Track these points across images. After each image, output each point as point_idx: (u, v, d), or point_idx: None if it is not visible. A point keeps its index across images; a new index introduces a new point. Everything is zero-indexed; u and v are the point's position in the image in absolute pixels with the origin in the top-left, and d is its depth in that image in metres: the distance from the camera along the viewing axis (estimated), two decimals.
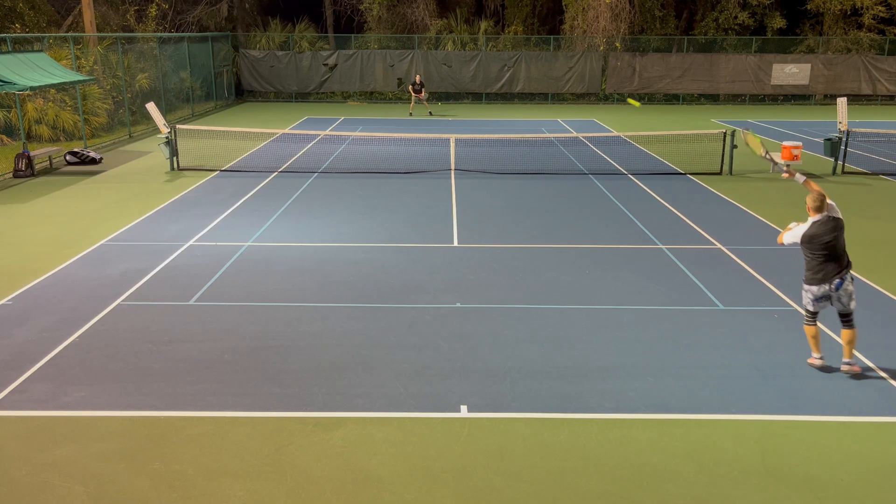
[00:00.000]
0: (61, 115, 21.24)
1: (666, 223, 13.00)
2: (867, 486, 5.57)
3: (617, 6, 33.06)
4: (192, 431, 6.24)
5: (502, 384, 7.10)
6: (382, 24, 35.72)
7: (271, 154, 19.68)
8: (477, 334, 8.24)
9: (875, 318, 8.78)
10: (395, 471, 5.72)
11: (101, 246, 11.52)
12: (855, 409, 6.68)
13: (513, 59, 33.86)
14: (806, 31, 35.87)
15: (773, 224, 12.98)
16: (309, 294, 9.47)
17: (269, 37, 34.78)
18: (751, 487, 5.54)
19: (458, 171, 17.53)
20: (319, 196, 14.93)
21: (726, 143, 17.50)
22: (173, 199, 14.67)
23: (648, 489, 5.51)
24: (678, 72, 34.07)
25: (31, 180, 16.57)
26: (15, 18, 27.36)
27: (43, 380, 7.13)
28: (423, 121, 27.39)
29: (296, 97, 34.63)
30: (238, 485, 5.53)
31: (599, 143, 22.00)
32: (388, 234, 12.20)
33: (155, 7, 31.24)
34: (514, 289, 9.69)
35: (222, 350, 7.79)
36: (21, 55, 17.52)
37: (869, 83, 34.11)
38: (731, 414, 6.56)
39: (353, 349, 7.85)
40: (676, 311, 8.98)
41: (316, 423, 6.39)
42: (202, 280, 9.93)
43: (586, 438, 6.17)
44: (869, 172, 17.82)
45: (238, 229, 12.44)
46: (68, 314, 8.73)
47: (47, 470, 5.69)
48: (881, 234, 12.48)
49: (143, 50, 26.65)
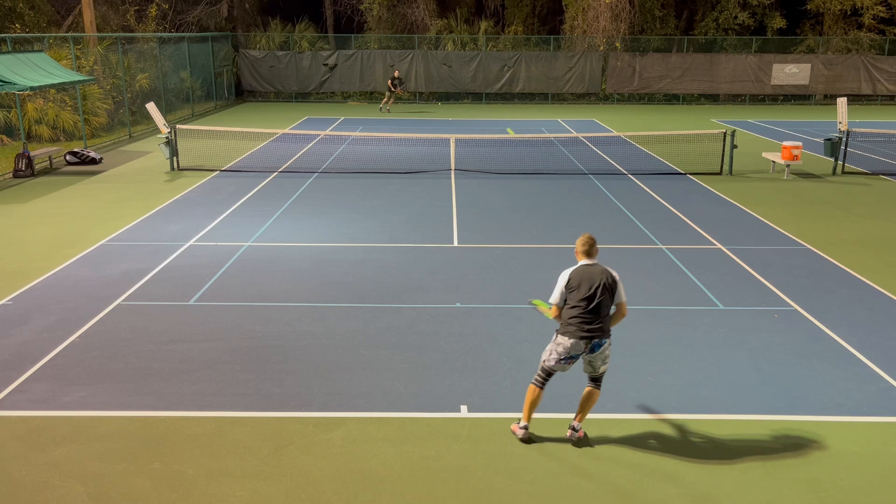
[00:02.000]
0: (61, 115, 21.23)
1: (666, 223, 13.00)
2: (867, 486, 5.57)
3: (617, 6, 33.06)
4: (192, 431, 6.24)
5: (502, 384, 7.10)
6: (382, 25, 35.72)
7: (271, 154, 19.68)
8: (477, 334, 8.24)
9: (875, 318, 8.78)
10: (395, 471, 5.72)
11: (101, 246, 11.52)
12: (855, 409, 6.68)
13: (513, 59, 33.86)
14: (806, 31, 35.87)
15: (774, 224, 12.99)
16: (309, 294, 9.47)
17: (269, 37, 34.78)
18: (751, 487, 5.54)
19: (458, 171, 17.53)
20: (319, 196, 14.93)
21: (726, 143, 17.50)
22: (173, 199, 14.67)
23: (648, 489, 5.51)
24: (678, 72, 34.07)
25: (31, 180, 16.57)
26: (15, 18, 27.35)
27: (43, 380, 7.13)
28: (424, 121, 27.38)
29: (296, 97, 34.63)
30: (238, 485, 5.53)
31: (599, 143, 22.01)
32: (388, 234, 12.20)
33: (155, 7, 31.25)
34: (514, 289, 9.69)
35: (222, 350, 7.79)
36: (21, 55, 17.52)
37: (869, 83, 34.12)
38: (731, 414, 6.56)
39: (353, 349, 7.85)
40: (676, 311, 8.98)
41: (316, 423, 6.39)
42: (202, 280, 9.93)
43: (586, 438, 6.17)
44: (869, 172, 17.82)
45: (238, 229, 12.44)
46: (68, 314, 8.73)
47: (47, 470, 5.69)
48: (881, 234, 12.48)
49: (143, 50, 26.65)
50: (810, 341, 8.12)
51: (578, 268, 5.98)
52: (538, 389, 6.04)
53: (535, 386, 6.05)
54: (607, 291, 5.88)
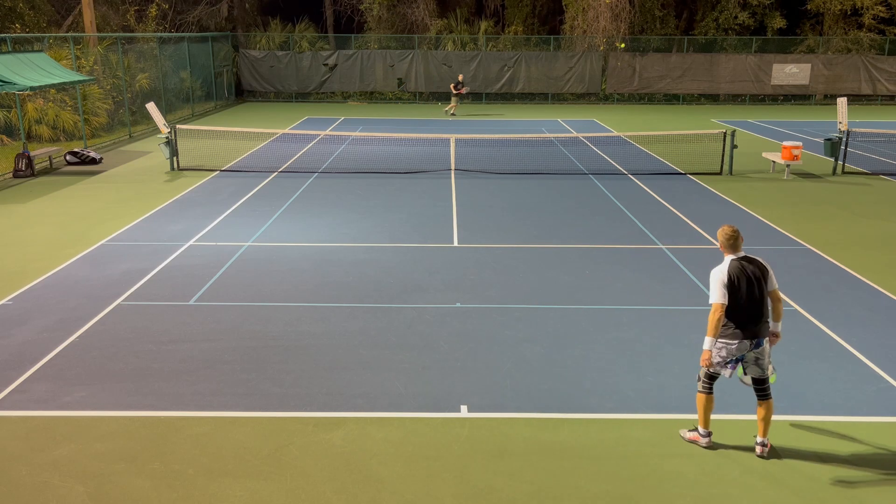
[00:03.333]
0: (61, 115, 21.24)
1: (666, 223, 13.00)
2: (867, 486, 5.57)
3: (617, 6, 33.06)
4: (192, 431, 6.24)
5: (502, 384, 7.10)
6: (382, 25, 35.72)
7: (271, 154, 19.68)
8: (477, 334, 8.24)
9: (875, 318, 8.78)
10: (395, 471, 5.72)
11: (101, 246, 11.52)
12: (855, 409, 6.68)
13: (513, 59, 33.86)
14: (806, 31, 35.87)
15: (774, 224, 12.99)
16: (309, 294, 9.47)
17: (269, 37, 34.78)
18: (751, 487, 5.54)
19: (458, 171, 17.53)
20: (319, 196, 14.93)
21: (726, 143, 17.50)
22: (173, 199, 14.67)
23: (648, 489, 5.51)
24: (678, 72, 34.07)
25: (31, 180, 16.57)
26: (15, 18, 27.34)
27: (43, 380, 7.13)
28: (424, 121, 27.38)
29: (296, 97, 34.63)
30: (238, 485, 5.53)
31: (599, 143, 22.00)
32: (388, 234, 12.20)
33: (155, 7, 31.25)
34: (514, 289, 9.69)
35: (222, 350, 7.79)
36: (21, 55, 17.52)
37: (869, 83, 34.11)
38: (730, 414, 6.56)
39: (353, 349, 7.85)
40: (676, 311, 8.98)
41: (316, 423, 6.39)
42: (202, 280, 9.93)
43: (586, 438, 6.17)
44: (869, 172, 17.82)
45: (238, 229, 12.44)
46: (68, 314, 8.73)
47: (47, 470, 5.69)
48: (881, 234, 12.48)
49: (143, 50, 26.65)
50: (810, 341, 8.12)
51: (732, 264, 5.76)
52: (708, 395, 5.94)
53: (703, 393, 5.95)
54: (763, 283, 5.75)
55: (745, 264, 5.78)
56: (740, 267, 5.75)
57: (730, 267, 5.75)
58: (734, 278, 5.70)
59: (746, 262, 5.80)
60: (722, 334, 5.77)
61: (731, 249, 5.86)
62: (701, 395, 5.97)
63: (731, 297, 5.69)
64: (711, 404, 5.99)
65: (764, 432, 5.93)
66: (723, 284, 5.69)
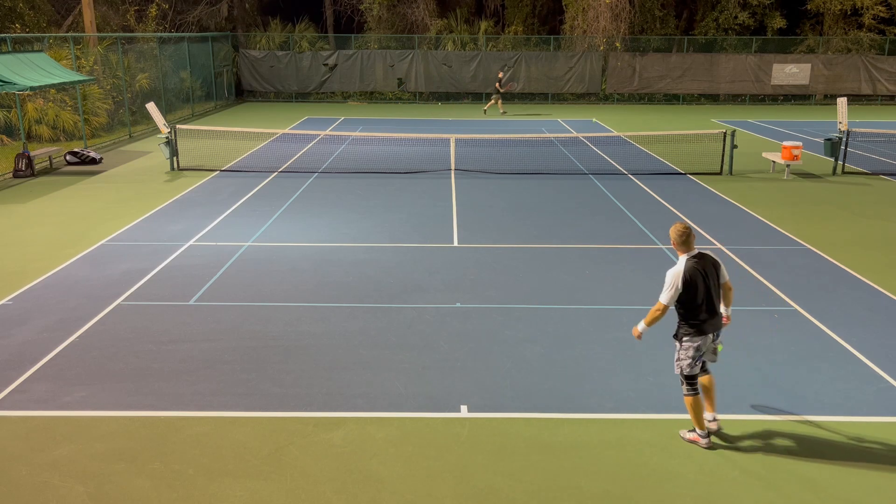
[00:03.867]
0: (61, 115, 21.24)
1: (666, 223, 12.99)
2: (867, 486, 5.57)
3: (617, 6, 33.05)
4: (192, 431, 6.24)
5: (502, 384, 7.10)
6: (382, 24, 35.73)
7: (271, 154, 19.68)
8: (477, 334, 8.24)
9: (875, 318, 8.78)
10: (395, 471, 5.72)
11: (101, 246, 11.52)
12: (855, 409, 6.68)
13: (513, 59, 33.86)
14: (806, 31, 35.87)
15: (774, 224, 12.99)
16: (309, 294, 9.47)
17: (269, 37, 34.79)
18: (751, 487, 5.54)
19: (458, 171, 17.53)
20: (319, 196, 14.93)
21: (726, 143, 17.50)
22: (173, 199, 14.67)
23: (648, 489, 5.51)
24: (678, 72, 34.07)
25: (31, 180, 16.57)
26: (15, 18, 27.34)
27: (43, 380, 7.13)
28: (424, 121, 27.38)
29: (296, 97, 34.63)
30: (238, 485, 5.53)
31: (599, 143, 22.00)
32: (388, 234, 12.20)
33: (155, 7, 31.25)
34: (514, 289, 9.69)
35: (222, 350, 7.79)
36: (21, 55, 17.52)
37: (869, 83, 34.11)
38: (730, 414, 6.56)
39: (353, 349, 7.85)
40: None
41: (316, 423, 6.39)
42: (202, 280, 9.93)
43: (586, 438, 6.17)
44: (869, 172, 17.82)
45: (238, 229, 12.44)
46: (68, 314, 8.73)
47: (47, 470, 5.69)
48: (881, 234, 12.48)
49: (143, 50, 26.65)
50: (810, 341, 8.12)
51: (688, 263, 5.85)
52: (695, 396, 5.98)
53: (691, 396, 5.98)
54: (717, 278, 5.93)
55: (700, 262, 5.89)
56: (695, 266, 5.86)
57: (686, 268, 5.85)
58: (691, 279, 5.82)
59: (700, 258, 5.92)
60: (688, 335, 5.90)
61: (683, 247, 5.96)
62: (688, 398, 6.02)
63: (690, 296, 5.83)
64: (701, 404, 6.05)
65: (712, 407, 6.17)
66: (676, 288, 5.82)
